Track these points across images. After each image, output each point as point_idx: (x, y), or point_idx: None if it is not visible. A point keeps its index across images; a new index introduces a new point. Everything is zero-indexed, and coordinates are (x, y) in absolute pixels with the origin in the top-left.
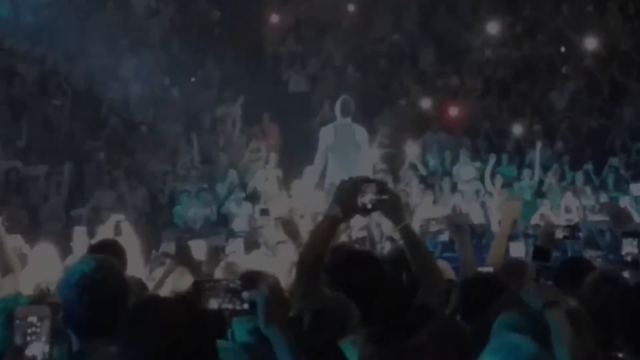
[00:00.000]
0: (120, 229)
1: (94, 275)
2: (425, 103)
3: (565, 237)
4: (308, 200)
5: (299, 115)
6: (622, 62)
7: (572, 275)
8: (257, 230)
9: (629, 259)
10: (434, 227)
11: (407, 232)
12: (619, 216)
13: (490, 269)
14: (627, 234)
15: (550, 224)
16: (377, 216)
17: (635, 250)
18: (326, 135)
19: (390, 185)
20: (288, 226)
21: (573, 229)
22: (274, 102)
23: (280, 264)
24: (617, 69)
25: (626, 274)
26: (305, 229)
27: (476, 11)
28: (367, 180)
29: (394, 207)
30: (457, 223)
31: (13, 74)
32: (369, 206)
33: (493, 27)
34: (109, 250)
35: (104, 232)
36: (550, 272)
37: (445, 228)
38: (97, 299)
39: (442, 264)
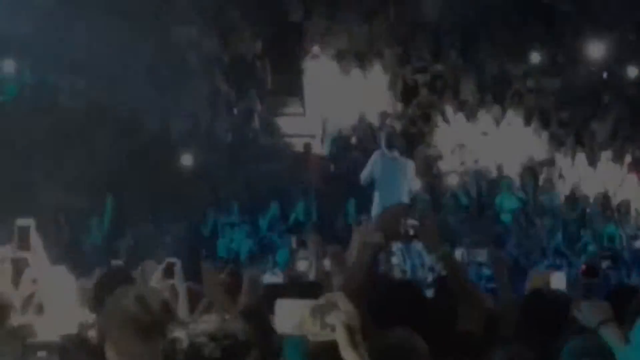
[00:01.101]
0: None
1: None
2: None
3: (609, 268)
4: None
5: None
6: None
7: (620, 303)
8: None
9: None
10: (475, 258)
11: (447, 258)
12: None
13: None
14: None
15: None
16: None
17: None
18: (375, 167)
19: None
20: (336, 260)
21: (615, 258)
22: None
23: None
24: None
25: None
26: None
27: (517, 40)
28: (409, 207)
29: (433, 234)
30: (496, 256)
31: (57, 107)
32: (411, 232)
33: (534, 56)
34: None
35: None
36: (599, 288)
37: (484, 261)
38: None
39: (483, 295)
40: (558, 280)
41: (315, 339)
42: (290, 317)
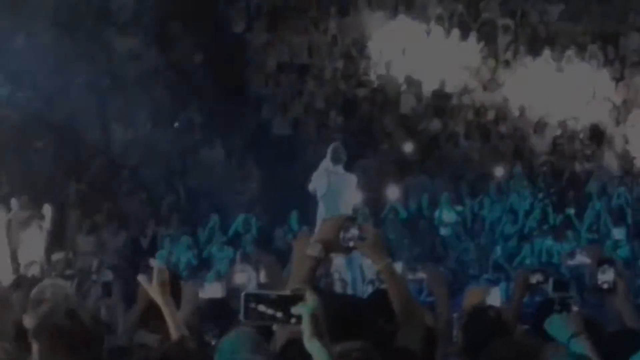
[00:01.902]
0: None
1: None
2: (407, 147)
3: (539, 282)
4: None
5: (281, 159)
6: (603, 106)
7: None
8: (236, 274)
9: (605, 286)
10: (413, 276)
11: (388, 272)
12: (598, 261)
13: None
14: (602, 262)
15: (524, 270)
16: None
17: (611, 278)
18: (318, 184)
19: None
20: (271, 271)
21: (545, 273)
22: (256, 146)
23: None
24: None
25: None
26: None
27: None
28: (349, 219)
29: (375, 246)
30: (434, 272)
31: None
32: (351, 244)
33: (474, 71)
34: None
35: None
36: (572, 302)
37: (424, 277)
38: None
39: (423, 311)
40: (494, 296)
41: (281, 329)
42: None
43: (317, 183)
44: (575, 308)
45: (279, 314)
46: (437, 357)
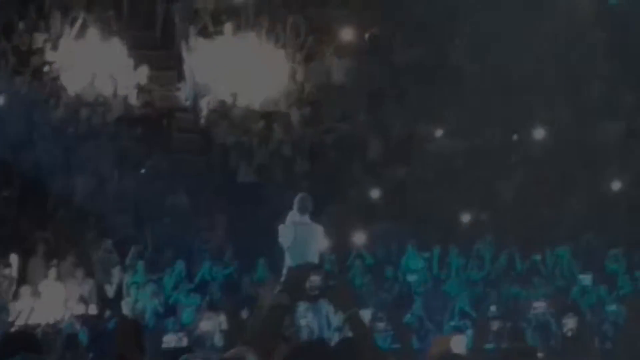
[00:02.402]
0: None
1: None
2: (374, 193)
3: (500, 328)
4: None
5: (247, 206)
6: (570, 152)
7: None
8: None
9: (569, 334)
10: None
11: (354, 321)
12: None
13: None
14: (566, 310)
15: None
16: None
17: (575, 326)
18: (285, 235)
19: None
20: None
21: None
22: (222, 192)
23: None
24: (565, 159)
25: None
26: None
27: (425, 101)
28: (315, 267)
29: (341, 295)
30: (400, 322)
31: None
32: (317, 292)
33: (441, 117)
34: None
35: None
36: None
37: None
38: None
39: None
40: (459, 344)
41: None
42: None
43: (284, 235)
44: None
45: None
46: None
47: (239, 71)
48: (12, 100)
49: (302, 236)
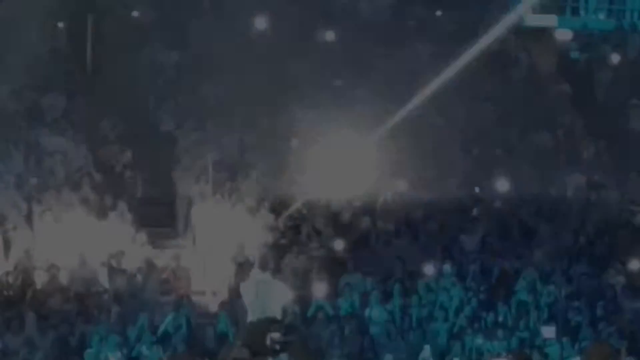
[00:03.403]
0: None
1: None
2: (338, 245)
3: None
4: None
5: None
6: (532, 205)
7: None
8: None
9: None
10: None
11: None
12: None
13: None
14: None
15: None
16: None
17: (553, 335)
18: (246, 293)
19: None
20: None
21: None
22: None
23: None
24: (527, 211)
25: None
26: None
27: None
28: (274, 322)
29: (301, 350)
30: None
31: None
32: (277, 347)
33: (405, 171)
34: None
35: None
36: None
37: None
38: None
39: None
40: None
41: None
42: None
43: (245, 292)
44: None
45: None
46: None
47: None
48: None
49: (263, 293)
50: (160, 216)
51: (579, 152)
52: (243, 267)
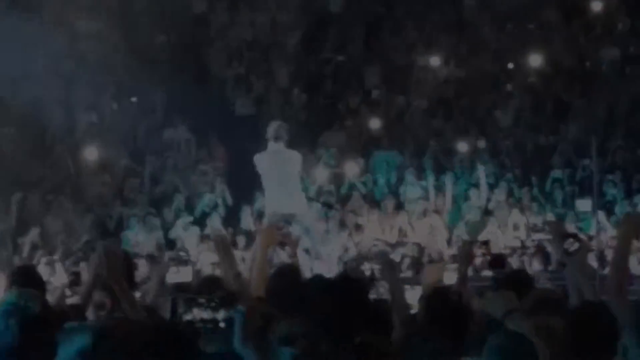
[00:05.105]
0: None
1: (18, 301)
2: (373, 123)
3: (483, 254)
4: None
5: (246, 138)
6: (566, 79)
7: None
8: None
9: (571, 249)
10: (364, 266)
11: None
12: (562, 235)
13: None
14: (567, 236)
15: (467, 242)
16: None
17: (577, 248)
18: (260, 163)
19: (336, 205)
20: (220, 245)
21: (487, 244)
22: (220, 125)
23: None
24: (561, 86)
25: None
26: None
27: (420, 31)
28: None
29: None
30: (385, 262)
31: None
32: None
33: (438, 47)
34: (28, 278)
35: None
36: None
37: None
38: (23, 325)
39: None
40: (452, 274)
41: None
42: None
43: (257, 164)
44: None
45: (209, 318)
46: (396, 338)
47: None
48: (6, 36)
49: (277, 163)
50: None
51: (614, 24)
52: None
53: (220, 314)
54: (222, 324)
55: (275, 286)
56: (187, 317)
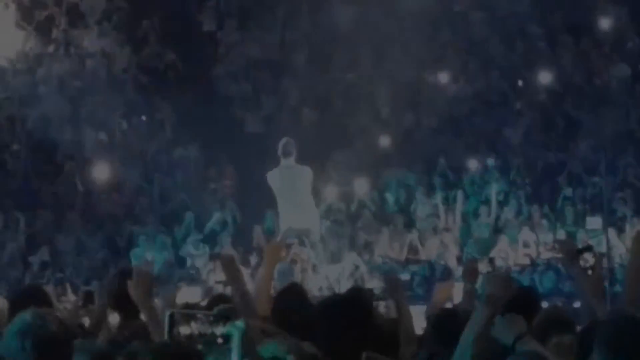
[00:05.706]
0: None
1: (34, 321)
2: (383, 141)
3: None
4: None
5: (256, 157)
6: (575, 97)
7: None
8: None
9: (587, 265)
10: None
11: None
12: (574, 253)
13: None
14: (582, 251)
15: (472, 261)
16: None
17: (592, 261)
18: (272, 180)
19: (346, 222)
20: (228, 266)
21: (492, 261)
22: (230, 144)
23: None
24: (571, 103)
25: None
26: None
27: (429, 49)
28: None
29: None
30: (393, 282)
31: None
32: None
33: (447, 64)
34: (35, 297)
35: None
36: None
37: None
38: (39, 345)
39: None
40: (457, 291)
41: None
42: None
43: (271, 181)
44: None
45: (207, 334)
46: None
47: None
48: (17, 55)
49: (289, 179)
50: None
51: (623, 42)
52: None
53: (219, 329)
54: (220, 340)
55: (280, 305)
56: (185, 332)
